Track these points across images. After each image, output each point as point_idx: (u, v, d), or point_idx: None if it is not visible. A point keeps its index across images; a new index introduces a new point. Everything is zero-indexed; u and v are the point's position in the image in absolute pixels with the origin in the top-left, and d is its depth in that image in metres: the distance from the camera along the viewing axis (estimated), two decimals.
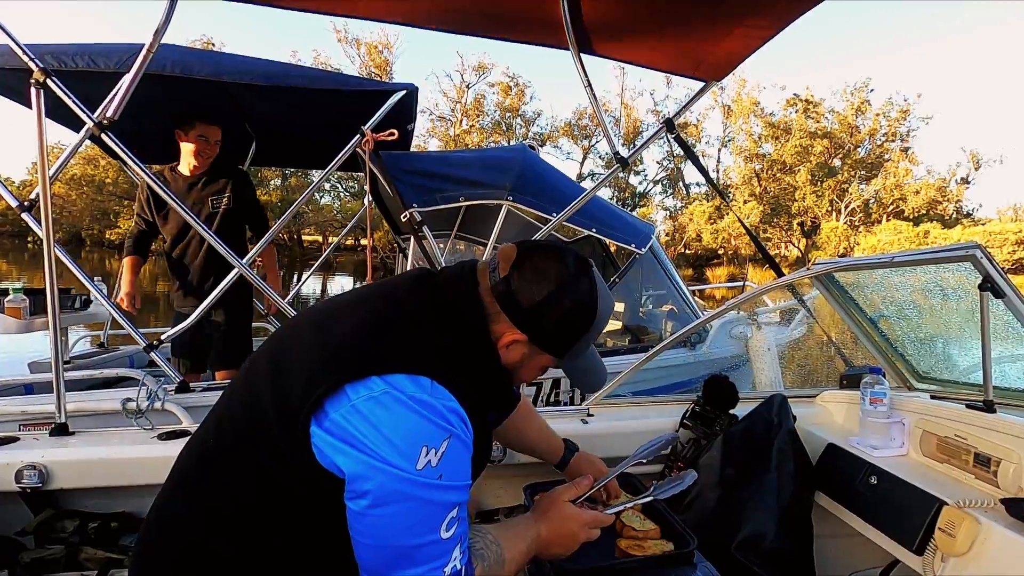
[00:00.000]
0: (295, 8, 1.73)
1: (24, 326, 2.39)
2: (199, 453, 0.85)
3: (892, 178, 32.35)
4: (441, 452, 0.72)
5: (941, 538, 1.09)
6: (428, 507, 0.71)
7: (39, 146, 1.54)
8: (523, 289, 0.82)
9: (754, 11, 1.51)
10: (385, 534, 0.71)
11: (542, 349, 0.87)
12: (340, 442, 0.71)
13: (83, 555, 1.41)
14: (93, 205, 28.62)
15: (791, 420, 1.55)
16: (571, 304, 0.84)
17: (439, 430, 0.72)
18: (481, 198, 2.80)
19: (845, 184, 32.55)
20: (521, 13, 1.75)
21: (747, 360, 3.18)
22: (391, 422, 0.70)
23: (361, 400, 0.71)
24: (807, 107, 33.38)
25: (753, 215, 30.91)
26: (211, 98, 2.50)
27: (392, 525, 0.71)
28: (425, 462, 0.70)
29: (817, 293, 2.01)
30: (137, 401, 1.91)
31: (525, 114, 35.37)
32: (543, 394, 2.66)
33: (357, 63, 32.55)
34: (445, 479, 0.72)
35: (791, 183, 33.14)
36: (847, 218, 32.43)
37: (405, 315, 0.82)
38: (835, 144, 32.98)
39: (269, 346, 0.88)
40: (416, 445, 0.70)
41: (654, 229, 3.25)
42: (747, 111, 34.81)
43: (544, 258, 0.85)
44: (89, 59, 2.03)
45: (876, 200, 32.99)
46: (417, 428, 0.71)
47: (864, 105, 32.85)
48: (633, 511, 1.14)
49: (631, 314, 3.59)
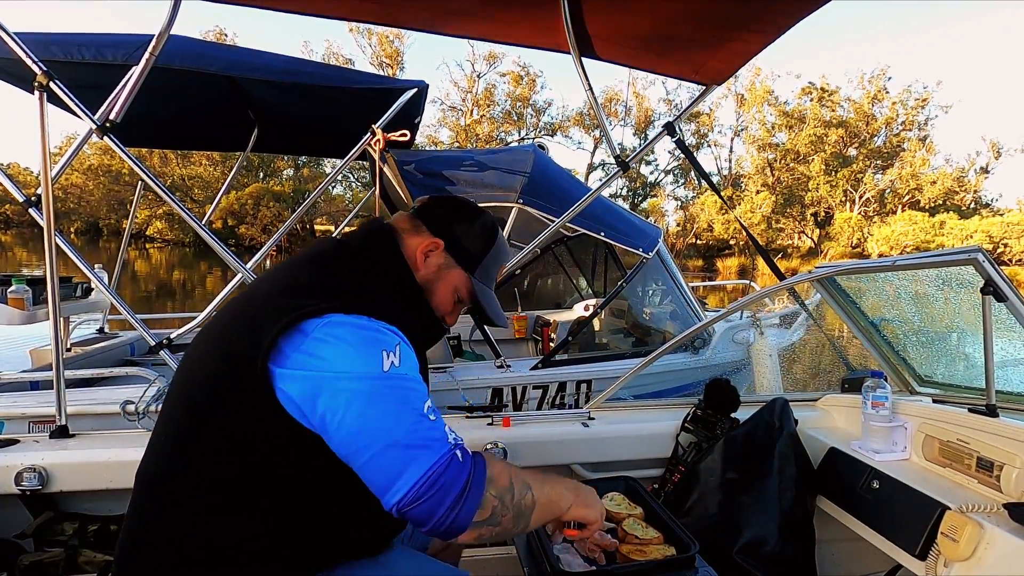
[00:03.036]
0: (294, 11, 1.74)
1: (27, 317, 2.40)
2: (157, 454, 0.86)
3: (908, 168, 31.20)
4: (399, 354, 0.79)
5: (944, 543, 1.09)
6: (406, 402, 0.77)
7: (41, 145, 1.54)
8: (439, 204, 1.04)
9: (754, 16, 1.51)
10: (378, 437, 0.74)
11: (455, 260, 1.00)
12: (307, 371, 0.76)
13: (82, 558, 1.41)
14: (110, 195, 29.18)
15: (792, 424, 1.54)
16: (480, 219, 1.03)
17: (389, 338, 0.80)
18: (491, 200, 2.81)
19: (860, 174, 31.73)
20: (522, 17, 1.75)
21: (749, 365, 3.18)
22: (348, 338, 0.78)
23: (317, 329, 0.78)
24: (822, 95, 32.44)
25: (765, 205, 30.39)
26: (214, 85, 2.50)
27: (381, 427, 0.75)
28: (389, 363, 0.78)
29: (819, 296, 2.00)
30: (137, 403, 1.92)
31: (536, 103, 35.19)
32: (548, 397, 2.66)
33: (368, 53, 32.91)
34: (410, 375, 0.80)
35: (804, 173, 32.29)
36: (861, 208, 31.71)
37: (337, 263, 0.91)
38: (850, 133, 32.09)
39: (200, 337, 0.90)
40: (375, 351, 0.77)
41: (661, 232, 3.26)
42: (760, 100, 33.95)
43: (454, 197, 1.08)
44: (96, 51, 2.04)
45: (891, 190, 32.16)
46: (370, 338, 0.79)
47: (881, 93, 31.77)
48: (635, 519, 1.13)
49: (636, 317, 3.60)
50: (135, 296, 12.27)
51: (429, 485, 0.73)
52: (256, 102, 2.91)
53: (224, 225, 27.70)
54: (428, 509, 0.73)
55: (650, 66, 1.96)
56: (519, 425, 1.64)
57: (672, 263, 3.30)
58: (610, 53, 1.90)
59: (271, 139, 3.38)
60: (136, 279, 16.26)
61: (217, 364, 0.81)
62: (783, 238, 33.11)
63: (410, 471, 0.74)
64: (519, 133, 35.35)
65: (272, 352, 0.77)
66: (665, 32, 1.69)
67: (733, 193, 33.49)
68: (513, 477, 0.84)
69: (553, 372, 2.65)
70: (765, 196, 31.14)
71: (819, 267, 1.73)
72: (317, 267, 0.90)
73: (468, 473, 0.77)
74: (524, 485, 0.85)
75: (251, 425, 0.78)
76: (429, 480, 0.73)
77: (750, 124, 35.06)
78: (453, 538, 0.76)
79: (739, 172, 35.93)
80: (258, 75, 2.17)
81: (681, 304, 3.24)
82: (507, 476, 0.83)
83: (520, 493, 0.83)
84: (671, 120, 2.13)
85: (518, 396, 2.60)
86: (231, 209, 27.78)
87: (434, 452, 0.75)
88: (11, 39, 1.58)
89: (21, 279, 2.45)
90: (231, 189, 29.75)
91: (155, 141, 3.69)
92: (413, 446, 0.75)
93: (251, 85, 2.53)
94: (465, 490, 0.75)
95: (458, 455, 0.77)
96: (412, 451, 0.74)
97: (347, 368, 0.76)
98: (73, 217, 32.25)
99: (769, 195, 31.49)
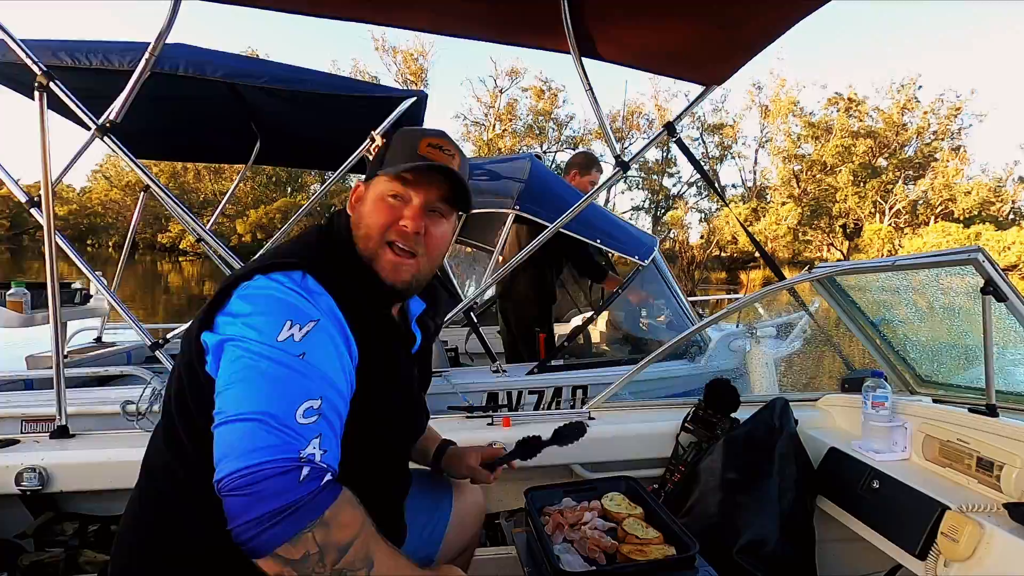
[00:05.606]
0: (295, 11, 1.74)
1: (25, 320, 2.40)
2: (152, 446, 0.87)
3: (941, 178, 30.57)
4: (306, 330, 0.72)
5: (944, 543, 1.09)
6: (286, 381, 0.69)
7: (41, 147, 1.54)
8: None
9: (754, 16, 1.51)
10: (234, 406, 0.68)
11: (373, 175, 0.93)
12: (218, 331, 0.74)
13: (83, 558, 1.41)
14: (146, 210, 29.67)
15: (793, 424, 1.54)
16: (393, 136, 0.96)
17: (306, 312, 0.74)
18: (488, 207, 2.81)
19: (890, 184, 31.29)
20: (522, 17, 1.75)
21: (745, 373, 3.19)
22: (262, 301, 0.74)
23: (240, 289, 0.76)
24: (850, 105, 32.04)
25: (791, 217, 30.02)
26: (218, 95, 2.50)
27: (242, 396, 0.68)
28: (288, 335, 0.71)
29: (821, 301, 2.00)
30: (137, 403, 1.92)
31: (558, 118, 35.55)
32: (544, 402, 2.67)
33: (393, 71, 33.65)
34: (308, 358, 0.71)
35: (832, 184, 31.77)
36: (891, 220, 31.17)
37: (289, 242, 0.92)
38: (880, 143, 31.65)
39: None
40: (280, 319, 0.72)
41: (657, 241, 3.26)
42: (785, 111, 33.62)
43: None
44: (102, 56, 2.04)
45: (923, 201, 31.49)
46: (284, 305, 0.74)
47: (911, 103, 31.46)
48: (635, 519, 1.13)
49: (632, 325, 3.60)
50: (169, 308, 12.19)
51: (248, 482, 0.64)
52: (258, 112, 2.91)
53: (253, 238, 28.86)
54: (237, 506, 0.64)
55: (650, 66, 1.96)
56: (519, 425, 1.64)
57: (668, 271, 3.31)
58: (610, 53, 1.91)
59: (274, 151, 3.39)
60: (169, 291, 16.34)
61: (185, 350, 0.81)
62: (810, 250, 32.64)
63: (239, 456, 0.65)
64: (540, 147, 35.56)
65: (205, 320, 0.76)
66: (665, 32, 1.69)
67: (758, 205, 33.03)
68: (359, 543, 0.69)
69: (548, 377, 2.66)
70: (791, 208, 30.74)
71: (819, 267, 1.73)
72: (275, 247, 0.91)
73: (299, 498, 0.65)
74: (365, 560, 0.69)
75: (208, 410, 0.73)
76: (249, 477, 0.64)
77: (775, 135, 34.75)
78: (253, 556, 0.66)
79: (764, 183, 35.68)
80: (259, 82, 2.17)
81: (677, 312, 3.24)
82: (350, 536, 0.68)
83: (352, 562, 0.68)
84: (670, 121, 2.13)
85: (514, 401, 2.61)
86: (260, 223, 28.81)
87: (275, 452, 0.65)
88: (11, 40, 1.58)
89: (20, 282, 2.45)
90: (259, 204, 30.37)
91: (159, 153, 3.70)
92: (260, 432, 0.66)
93: (252, 94, 2.53)
94: (283, 513, 0.64)
95: (303, 472, 0.66)
96: (256, 437, 0.66)
97: (245, 329, 0.71)
98: (111, 231, 33.88)
99: (795, 207, 31.07)
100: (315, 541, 0.65)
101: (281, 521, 0.64)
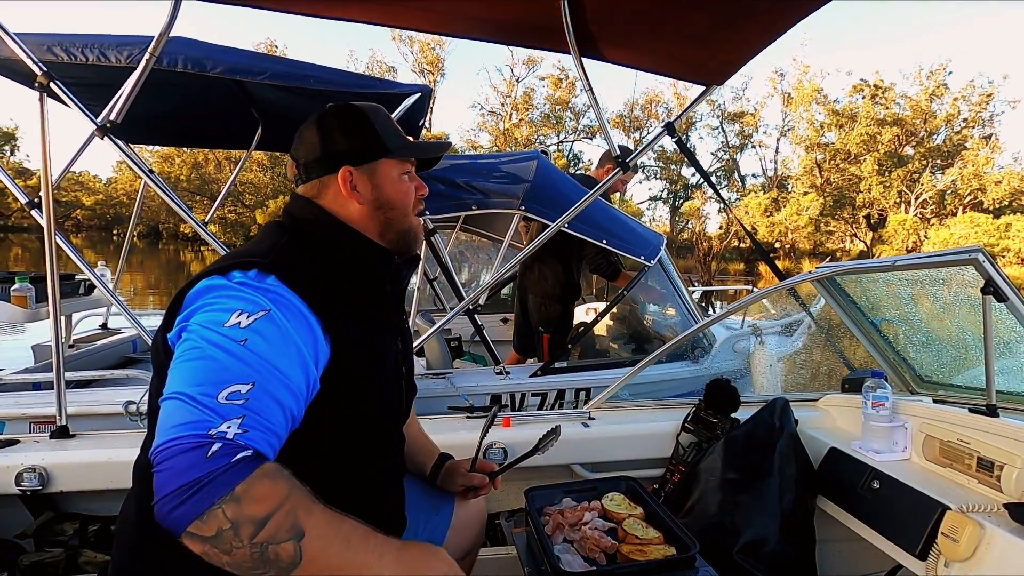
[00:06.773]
0: (295, 12, 1.74)
1: (30, 315, 2.40)
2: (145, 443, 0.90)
3: (971, 167, 28.75)
4: (254, 319, 0.75)
5: (944, 543, 1.09)
6: (219, 364, 0.71)
7: (41, 145, 1.54)
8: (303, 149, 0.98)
9: (755, 15, 1.51)
10: (174, 383, 0.71)
11: (368, 162, 0.96)
12: (177, 326, 0.77)
13: (83, 558, 1.41)
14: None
15: (793, 424, 1.54)
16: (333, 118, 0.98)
17: (257, 303, 0.77)
18: (493, 207, 2.81)
19: (916, 174, 29.83)
20: (523, 17, 1.75)
21: (748, 374, 3.18)
22: (214, 294, 0.77)
23: (197, 289, 0.79)
24: (875, 92, 30.65)
25: (813, 207, 29.04)
26: (218, 84, 2.49)
27: (182, 376, 0.71)
28: (235, 322, 0.74)
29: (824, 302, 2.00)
30: (138, 403, 1.92)
31: (575, 107, 35.05)
32: (547, 404, 2.67)
33: (410, 60, 33.85)
34: (249, 346, 0.73)
35: (855, 173, 30.48)
36: (917, 210, 29.89)
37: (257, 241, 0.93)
38: (906, 131, 30.26)
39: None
40: (230, 309, 0.75)
41: (663, 239, 3.25)
42: (809, 99, 32.29)
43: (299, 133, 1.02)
44: (100, 52, 2.03)
45: (952, 191, 29.91)
46: (235, 296, 0.77)
47: (941, 89, 29.77)
48: (635, 519, 1.13)
49: (636, 325, 3.60)
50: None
51: (163, 458, 0.65)
52: (260, 101, 2.92)
53: None
54: (157, 484, 0.65)
55: (651, 66, 1.96)
56: (519, 425, 1.64)
57: (674, 271, 3.30)
58: (611, 53, 1.90)
59: (276, 137, 3.38)
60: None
61: (155, 352, 0.84)
62: (833, 241, 31.77)
63: (160, 432, 0.67)
64: (558, 136, 35.30)
65: (167, 322, 0.80)
66: (665, 32, 1.69)
67: (779, 195, 32.02)
68: (279, 514, 0.65)
69: (552, 380, 2.66)
70: (813, 198, 29.70)
71: (819, 267, 1.73)
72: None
73: (206, 472, 0.63)
74: (291, 530, 0.65)
75: None
76: (165, 452, 0.65)
77: (797, 124, 33.59)
78: (173, 534, 0.65)
79: (785, 173, 34.70)
80: (261, 79, 2.16)
81: (683, 312, 3.23)
82: (268, 509, 0.65)
83: (275, 535, 0.64)
84: (670, 120, 2.13)
85: (516, 403, 2.61)
86: (278, 213, 28.63)
87: (187, 428, 0.66)
88: (11, 39, 1.58)
89: (24, 276, 2.44)
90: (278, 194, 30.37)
91: (160, 138, 3.70)
92: (180, 410, 0.68)
93: (255, 87, 2.53)
94: (191, 488, 0.63)
95: (212, 448, 0.65)
96: (175, 414, 0.68)
97: (198, 317, 0.76)
98: (138, 222, 33.61)
99: (817, 196, 29.96)
100: (226, 517, 0.63)
101: (190, 497, 0.63)
